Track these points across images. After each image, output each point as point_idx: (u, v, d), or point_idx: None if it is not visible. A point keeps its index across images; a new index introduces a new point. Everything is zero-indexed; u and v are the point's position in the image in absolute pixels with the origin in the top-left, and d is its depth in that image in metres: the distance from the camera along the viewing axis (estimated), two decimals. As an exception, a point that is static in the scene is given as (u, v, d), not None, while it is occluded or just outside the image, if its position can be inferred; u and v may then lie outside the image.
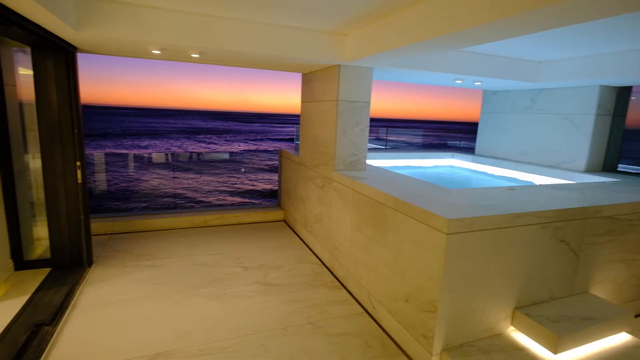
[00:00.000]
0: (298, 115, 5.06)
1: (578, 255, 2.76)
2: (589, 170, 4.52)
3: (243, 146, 37.94)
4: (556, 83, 4.46)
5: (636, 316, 3.26)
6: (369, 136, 4.06)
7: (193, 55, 3.56)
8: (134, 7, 2.85)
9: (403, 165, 6.05)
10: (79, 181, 3.49)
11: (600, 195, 3.10)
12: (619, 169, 4.67)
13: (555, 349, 2.30)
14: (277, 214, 5.65)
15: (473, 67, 4.10)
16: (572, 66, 4.09)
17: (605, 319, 2.50)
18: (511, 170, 5.26)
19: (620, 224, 2.93)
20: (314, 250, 4.40)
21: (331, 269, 3.90)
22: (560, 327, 2.37)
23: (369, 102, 3.89)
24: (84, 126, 3.49)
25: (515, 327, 2.57)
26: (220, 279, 3.60)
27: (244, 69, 4.73)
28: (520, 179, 5.08)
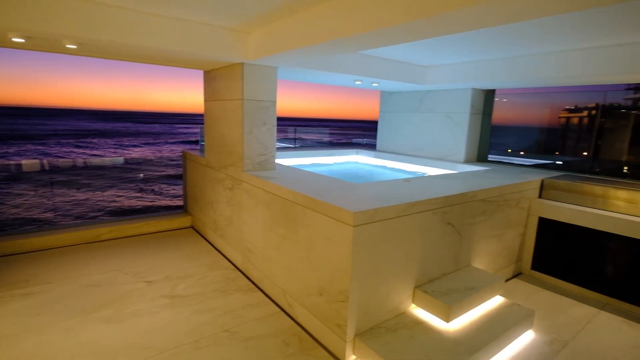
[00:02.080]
0: (202, 115, 4.80)
1: (461, 235, 3.20)
2: (467, 161, 5.27)
3: (140, 150, 34.42)
4: (439, 85, 5.08)
5: (506, 280, 3.92)
6: (278, 135, 4.06)
7: (68, 47, 3.09)
8: (-17, -15, 2.35)
9: (312, 163, 6.21)
10: None
11: (475, 182, 3.63)
12: (489, 159, 5.55)
13: (447, 318, 2.63)
14: (183, 221, 5.28)
15: (370, 70, 4.42)
16: (450, 71, 4.72)
17: (484, 287, 2.95)
18: (407, 164, 5.84)
19: (491, 204, 3.48)
20: (227, 255, 4.24)
21: (245, 272, 3.81)
22: (450, 298, 2.72)
23: (275, 101, 3.89)
24: None
25: (416, 304, 2.86)
26: (120, 298, 3.22)
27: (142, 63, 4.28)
28: (415, 171, 5.67)
